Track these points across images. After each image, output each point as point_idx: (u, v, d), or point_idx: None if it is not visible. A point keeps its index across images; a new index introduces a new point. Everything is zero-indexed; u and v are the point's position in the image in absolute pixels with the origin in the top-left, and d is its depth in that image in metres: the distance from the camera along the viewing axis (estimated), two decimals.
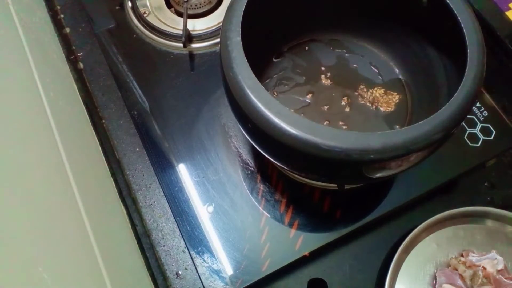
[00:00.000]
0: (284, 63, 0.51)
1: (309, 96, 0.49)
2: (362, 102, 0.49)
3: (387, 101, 0.48)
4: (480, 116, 0.52)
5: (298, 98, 0.49)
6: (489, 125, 0.51)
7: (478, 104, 0.52)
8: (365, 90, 0.49)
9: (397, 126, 0.47)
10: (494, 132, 0.51)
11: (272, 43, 0.50)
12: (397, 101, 0.48)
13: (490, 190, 0.52)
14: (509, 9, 0.55)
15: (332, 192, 0.48)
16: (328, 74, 0.50)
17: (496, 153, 0.50)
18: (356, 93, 0.49)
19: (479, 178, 0.53)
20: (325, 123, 0.48)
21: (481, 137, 0.50)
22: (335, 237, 0.46)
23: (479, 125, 0.51)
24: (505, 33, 0.53)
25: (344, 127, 0.47)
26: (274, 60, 0.51)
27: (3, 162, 0.32)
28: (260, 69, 0.50)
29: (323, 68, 0.51)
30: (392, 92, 0.49)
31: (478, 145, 0.50)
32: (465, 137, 0.51)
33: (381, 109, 0.48)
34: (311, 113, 0.48)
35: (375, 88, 0.49)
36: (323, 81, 0.50)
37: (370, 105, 0.48)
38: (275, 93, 0.50)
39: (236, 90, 0.34)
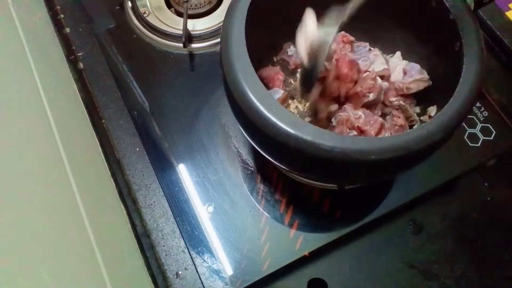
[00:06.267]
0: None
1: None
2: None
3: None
4: (480, 116, 0.51)
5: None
6: (489, 125, 0.51)
7: (478, 104, 0.52)
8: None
9: None
10: (494, 132, 0.51)
11: (274, 42, 0.50)
12: None
13: (490, 190, 0.52)
14: (509, 9, 0.55)
15: (332, 192, 0.48)
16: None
17: (496, 153, 0.50)
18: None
19: (479, 178, 0.53)
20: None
21: (481, 137, 0.50)
22: (335, 237, 0.46)
23: (479, 125, 0.51)
24: (505, 33, 0.53)
25: None
26: (276, 59, 0.51)
27: (3, 162, 0.32)
28: (262, 68, 0.49)
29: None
30: None
31: (478, 145, 0.50)
32: (465, 137, 0.51)
33: None
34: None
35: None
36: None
37: None
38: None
39: (237, 90, 0.34)
